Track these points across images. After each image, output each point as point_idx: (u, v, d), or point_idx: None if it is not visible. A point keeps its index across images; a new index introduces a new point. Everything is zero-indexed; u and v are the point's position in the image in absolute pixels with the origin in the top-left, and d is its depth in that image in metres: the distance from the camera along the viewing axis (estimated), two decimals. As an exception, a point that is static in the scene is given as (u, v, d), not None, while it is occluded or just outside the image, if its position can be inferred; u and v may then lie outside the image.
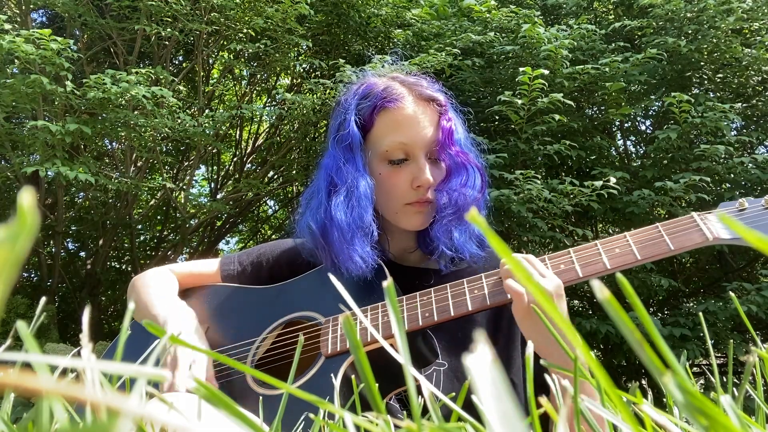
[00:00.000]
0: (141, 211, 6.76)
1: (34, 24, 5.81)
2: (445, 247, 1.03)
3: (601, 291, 0.22)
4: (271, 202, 8.36)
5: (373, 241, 1.02)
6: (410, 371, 0.24)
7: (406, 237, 1.12)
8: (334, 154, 1.07)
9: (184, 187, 6.04)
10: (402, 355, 0.25)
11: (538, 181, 3.83)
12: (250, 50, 5.15)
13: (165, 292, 1.11)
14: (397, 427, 0.41)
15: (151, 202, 7.01)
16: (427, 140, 1.05)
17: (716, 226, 0.86)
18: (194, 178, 6.51)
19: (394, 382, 0.93)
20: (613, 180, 3.86)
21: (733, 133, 4.52)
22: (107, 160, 6.35)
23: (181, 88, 5.86)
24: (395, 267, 1.12)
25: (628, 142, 5.78)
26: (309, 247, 1.09)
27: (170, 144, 6.39)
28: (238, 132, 6.96)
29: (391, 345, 0.44)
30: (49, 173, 4.09)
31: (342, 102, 1.12)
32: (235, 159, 7.27)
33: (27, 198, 0.17)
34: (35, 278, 6.66)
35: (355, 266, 0.99)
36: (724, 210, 0.90)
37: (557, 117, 4.03)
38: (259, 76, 6.41)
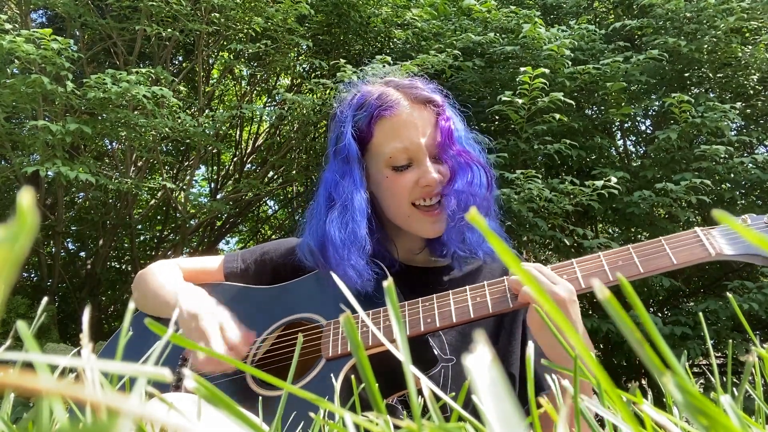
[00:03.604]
0: (141, 211, 6.75)
1: (33, 24, 5.81)
2: (459, 249, 1.06)
3: (601, 291, 0.22)
4: (271, 202, 8.37)
5: (367, 254, 1.03)
6: (410, 369, 0.24)
7: (414, 239, 1.13)
8: (333, 168, 1.09)
9: (184, 187, 6.04)
10: (402, 354, 0.25)
11: (539, 181, 3.83)
12: (251, 50, 5.14)
13: (174, 278, 1.14)
14: (397, 427, 0.41)
15: (151, 202, 7.00)
16: (428, 142, 1.06)
17: (719, 241, 0.86)
18: (194, 178, 6.50)
19: (395, 387, 0.93)
20: (613, 180, 3.85)
21: (733, 133, 4.51)
22: (107, 160, 6.35)
23: (181, 88, 5.86)
24: (402, 267, 1.12)
25: (628, 142, 5.78)
26: (309, 258, 1.11)
27: (170, 144, 6.39)
28: (238, 132, 6.96)
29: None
30: (49, 173, 4.09)
31: (338, 114, 1.13)
32: (235, 159, 7.26)
33: (27, 198, 0.17)
34: (35, 278, 6.66)
35: (350, 281, 1.00)
36: (727, 226, 0.90)
37: (557, 116, 4.03)
38: (259, 76, 6.40)
